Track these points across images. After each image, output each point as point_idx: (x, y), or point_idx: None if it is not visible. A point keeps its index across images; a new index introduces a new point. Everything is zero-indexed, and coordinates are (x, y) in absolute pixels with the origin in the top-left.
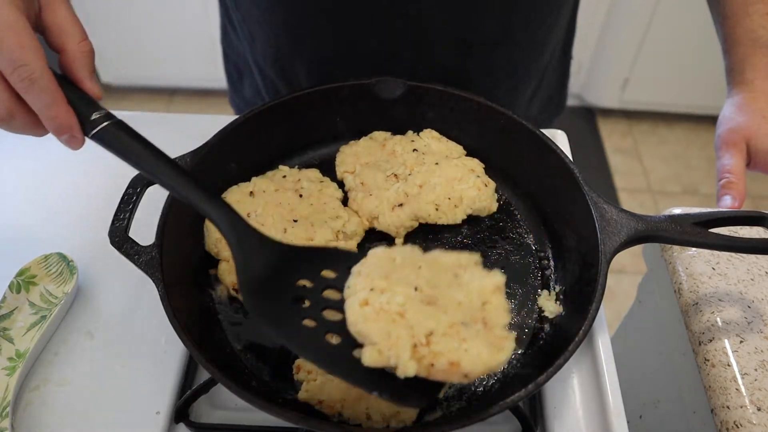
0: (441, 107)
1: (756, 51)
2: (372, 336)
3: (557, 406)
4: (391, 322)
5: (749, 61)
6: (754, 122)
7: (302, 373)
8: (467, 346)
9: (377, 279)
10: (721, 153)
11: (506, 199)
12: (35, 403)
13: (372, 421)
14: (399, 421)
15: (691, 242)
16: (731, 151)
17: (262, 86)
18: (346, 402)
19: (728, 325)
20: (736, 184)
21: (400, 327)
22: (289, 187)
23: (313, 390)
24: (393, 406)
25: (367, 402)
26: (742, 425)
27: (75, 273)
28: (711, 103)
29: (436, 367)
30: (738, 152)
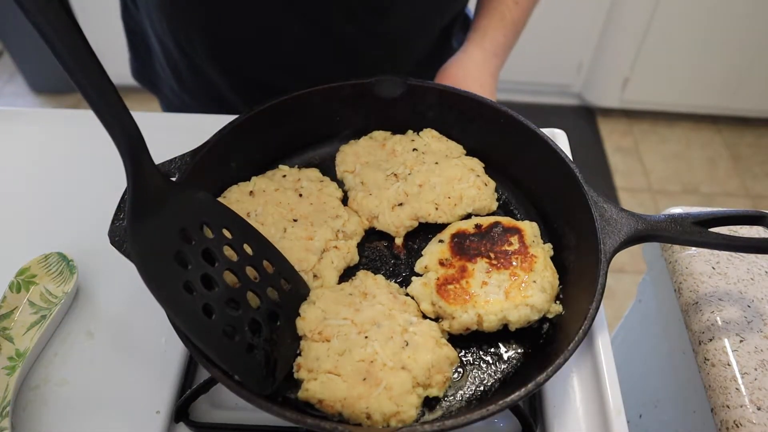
0: (441, 107)
1: (498, 26)
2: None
3: (557, 405)
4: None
5: (490, 33)
6: (471, 84)
7: (303, 372)
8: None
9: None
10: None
11: (506, 199)
12: (35, 402)
13: (372, 421)
14: (399, 420)
15: (691, 242)
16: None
17: (163, 60)
18: (346, 402)
19: (728, 324)
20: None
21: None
22: (289, 186)
23: (314, 389)
24: (393, 406)
25: (367, 401)
26: (742, 425)
27: (75, 273)
28: (711, 103)
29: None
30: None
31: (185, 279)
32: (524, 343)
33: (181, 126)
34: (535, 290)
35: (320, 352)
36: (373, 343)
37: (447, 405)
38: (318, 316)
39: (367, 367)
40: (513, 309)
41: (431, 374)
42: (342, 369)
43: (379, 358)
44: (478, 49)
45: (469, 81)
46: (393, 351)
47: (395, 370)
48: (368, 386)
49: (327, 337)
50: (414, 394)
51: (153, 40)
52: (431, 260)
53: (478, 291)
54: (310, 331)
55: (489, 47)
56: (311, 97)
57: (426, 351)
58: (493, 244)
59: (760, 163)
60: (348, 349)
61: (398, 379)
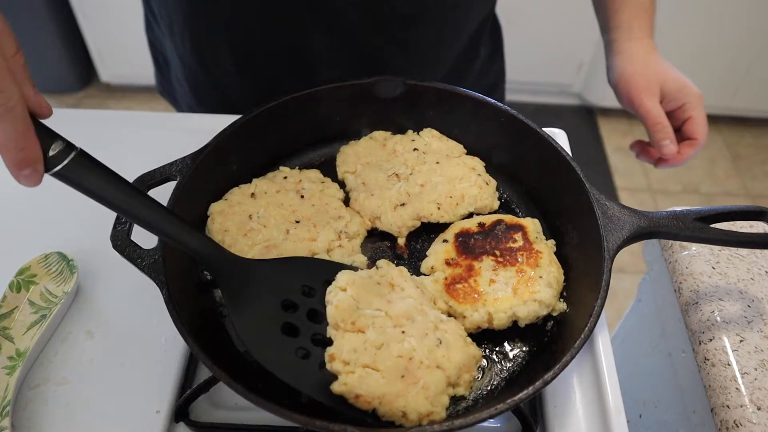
0: (441, 106)
1: (641, 13)
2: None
3: (557, 405)
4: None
5: (636, 21)
6: (661, 69)
7: (338, 364)
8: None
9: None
10: (643, 100)
11: (507, 197)
12: (35, 402)
13: (407, 420)
14: (431, 421)
15: (693, 238)
16: (653, 99)
17: (182, 75)
18: (384, 399)
19: (728, 324)
20: (669, 129)
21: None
22: (290, 188)
23: (353, 383)
24: (429, 406)
25: (405, 400)
26: (742, 424)
27: (75, 272)
28: (711, 103)
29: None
30: (656, 99)
31: (298, 345)
32: (529, 342)
33: (181, 126)
34: (542, 285)
35: (357, 344)
36: (410, 339)
37: (453, 404)
38: (350, 305)
39: (405, 364)
40: (522, 305)
41: (461, 373)
42: (381, 364)
43: (416, 356)
44: (636, 43)
45: (653, 72)
46: (429, 348)
47: (431, 368)
48: (406, 384)
49: (361, 328)
50: (446, 394)
51: (172, 56)
52: (437, 260)
53: (486, 289)
54: (342, 321)
55: (639, 35)
56: (311, 97)
57: (457, 350)
58: (498, 242)
59: (760, 163)
60: (386, 343)
61: (434, 378)
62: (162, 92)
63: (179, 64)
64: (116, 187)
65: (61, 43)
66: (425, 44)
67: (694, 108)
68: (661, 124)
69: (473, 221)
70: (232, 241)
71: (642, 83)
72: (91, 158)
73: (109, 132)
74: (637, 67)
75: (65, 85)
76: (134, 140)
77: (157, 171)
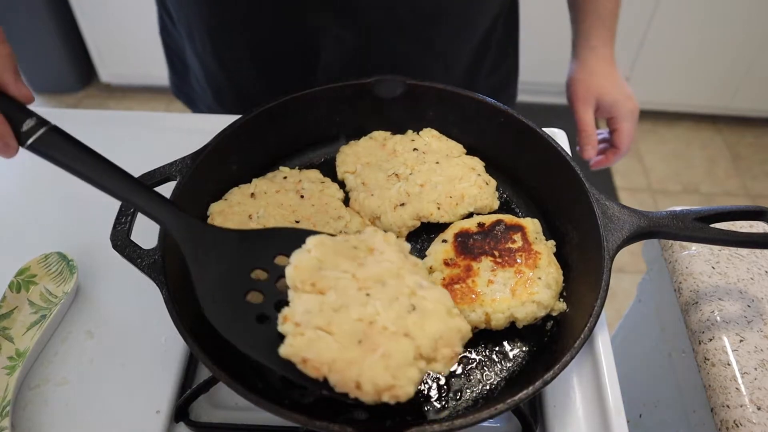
0: (441, 106)
1: (600, 25)
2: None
3: (557, 405)
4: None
5: (594, 32)
6: (602, 81)
7: (288, 325)
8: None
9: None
10: (578, 107)
11: (507, 197)
12: (35, 402)
13: (361, 392)
14: (392, 396)
15: (693, 237)
16: (587, 107)
17: (202, 77)
18: (335, 365)
19: (728, 323)
20: (592, 136)
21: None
22: (290, 188)
23: (299, 345)
24: (388, 377)
25: (360, 368)
26: (742, 424)
27: (75, 272)
28: (711, 103)
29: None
30: (591, 107)
31: (259, 311)
32: (529, 342)
33: (181, 126)
34: (540, 287)
35: (312, 304)
36: (375, 302)
37: (454, 405)
38: (312, 265)
39: (365, 329)
40: (520, 306)
41: (438, 346)
42: (336, 327)
43: (380, 320)
44: (590, 53)
45: (594, 83)
46: (397, 314)
47: (397, 335)
48: (363, 350)
49: (321, 290)
50: (415, 367)
51: (192, 59)
52: (436, 260)
53: (484, 290)
54: (301, 282)
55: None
56: (311, 97)
57: (435, 319)
58: (497, 242)
59: (760, 163)
60: (345, 305)
61: (399, 347)
62: (177, 93)
63: (199, 66)
64: (85, 159)
65: (61, 43)
66: (445, 42)
67: (621, 122)
68: (585, 131)
69: (473, 221)
70: None
71: (581, 91)
72: (64, 133)
73: (109, 132)
74: (582, 75)
75: (65, 85)
76: (134, 140)
77: (157, 171)
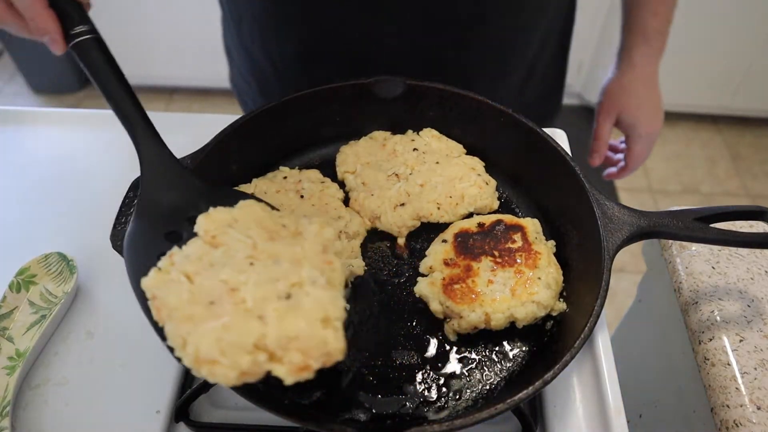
0: (441, 106)
1: (643, 41)
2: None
3: (557, 405)
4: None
5: (636, 48)
6: (629, 100)
7: (165, 261)
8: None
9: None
10: (598, 117)
11: (507, 197)
12: (35, 402)
13: (184, 352)
14: (210, 373)
15: (693, 237)
16: (606, 119)
17: (247, 71)
18: (174, 313)
19: (728, 323)
20: (602, 148)
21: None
22: (290, 188)
23: (157, 282)
24: (215, 352)
25: (193, 328)
26: (742, 424)
27: (75, 272)
28: (711, 103)
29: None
30: (610, 120)
31: (164, 250)
32: (529, 342)
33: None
34: (540, 287)
35: (196, 252)
36: (253, 273)
37: (454, 404)
38: (224, 220)
39: (223, 293)
40: (520, 306)
41: (289, 347)
42: (199, 279)
43: (243, 291)
44: (627, 68)
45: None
46: (265, 294)
47: (250, 314)
48: (208, 312)
49: (217, 244)
50: (251, 355)
51: (239, 51)
52: (436, 260)
53: (484, 289)
54: (205, 231)
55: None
56: (311, 97)
57: (303, 319)
58: (497, 242)
59: (760, 163)
60: (223, 264)
61: (244, 326)
62: (233, 86)
63: (246, 58)
64: (109, 76)
65: None
66: (488, 49)
67: (633, 142)
68: (597, 141)
69: (473, 221)
70: None
71: (606, 103)
72: (104, 47)
73: (109, 132)
74: (613, 88)
75: (65, 85)
76: None
77: None
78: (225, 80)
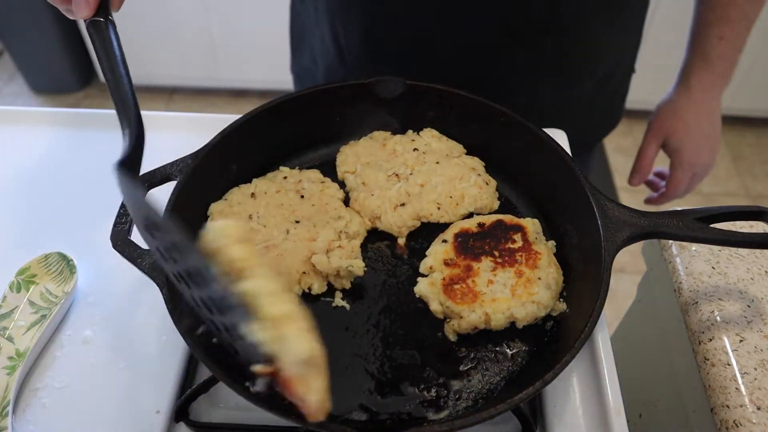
0: (441, 106)
1: (703, 65)
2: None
3: (557, 405)
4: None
5: (695, 71)
6: (678, 125)
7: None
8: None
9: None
10: (646, 137)
11: (507, 197)
12: (35, 402)
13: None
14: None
15: (693, 238)
16: (652, 140)
17: (318, 53)
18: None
19: (728, 324)
20: (645, 169)
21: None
22: (290, 188)
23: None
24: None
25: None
26: (742, 424)
27: (75, 272)
28: None
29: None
30: (657, 142)
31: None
32: (529, 342)
33: (181, 126)
34: (540, 287)
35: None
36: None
37: (453, 404)
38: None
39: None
40: (520, 306)
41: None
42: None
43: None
44: (684, 93)
45: (669, 125)
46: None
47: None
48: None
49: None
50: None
51: (313, 33)
52: (436, 260)
53: (484, 290)
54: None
55: (693, 85)
56: (311, 97)
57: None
58: (497, 242)
59: (761, 163)
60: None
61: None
62: (291, 70)
63: (320, 41)
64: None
65: (61, 43)
66: (561, 58)
67: (675, 168)
68: (640, 162)
69: (473, 221)
70: None
71: (656, 125)
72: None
73: (109, 132)
74: (666, 109)
75: (65, 85)
76: None
77: (157, 171)
78: (225, 80)
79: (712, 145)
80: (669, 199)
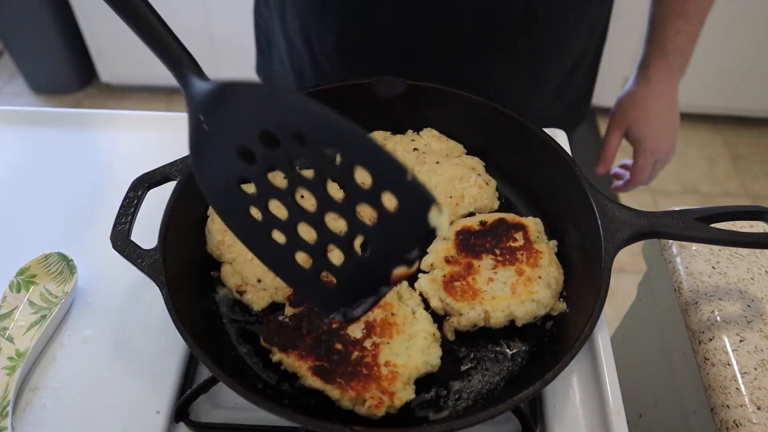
0: (441, 106)
1: (661, 57)
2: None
3: (557, 405)
4: None
5: (654, 64)
6: (639, 114)
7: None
8: None
9: None
10: (609, 128)
11: (507, 197)
12: (35, 402)
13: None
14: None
15: (693, 237)
16: (615, 130)
17: (287, 57)
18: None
19: (728, 323)
20: (609, 158)
21: None
22: None
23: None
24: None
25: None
26: (742, 424)
27: (75, 272)
28: (710, 103)
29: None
30: (619, 132)
31: (250, 204)
32: (529, 342)
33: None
34: (540, 285)
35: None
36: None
37: (453, 405)
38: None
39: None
40: (519, 304)
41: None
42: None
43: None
44: (643, 82)
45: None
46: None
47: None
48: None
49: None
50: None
51: (278, 37)
52: (437, 257)
53: (484, 287)
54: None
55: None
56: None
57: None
58: (498, 241)
59: (760, 163)
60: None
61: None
62: (258, 73)
63: (285, 44)
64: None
65: (61, 43)
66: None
67: (637, 157)
68: (604, 151)
69: (475, 219)
70: (232, 241)
71: (617, 115)
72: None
73: (109, 132)
74: (626, 100)
75: (65, 85)
76: (134, 140)
77: (157, 171)
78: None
79: (672, 132)
80: (634, 186)
